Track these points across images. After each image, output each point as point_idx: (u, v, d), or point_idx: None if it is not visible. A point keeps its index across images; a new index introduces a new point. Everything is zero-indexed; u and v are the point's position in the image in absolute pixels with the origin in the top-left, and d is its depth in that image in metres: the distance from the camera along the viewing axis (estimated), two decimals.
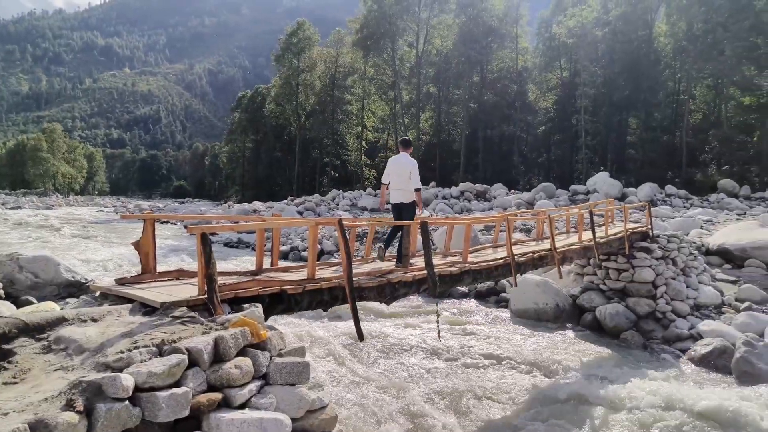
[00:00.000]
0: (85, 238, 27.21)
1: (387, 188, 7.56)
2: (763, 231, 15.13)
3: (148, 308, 4.18)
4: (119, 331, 3.61)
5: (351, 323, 5.28)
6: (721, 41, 37.32)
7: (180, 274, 5.47)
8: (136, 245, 5.24)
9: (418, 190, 7.24)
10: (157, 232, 5.70)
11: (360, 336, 5.17)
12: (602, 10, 48.82)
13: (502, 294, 13.27)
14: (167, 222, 38.03)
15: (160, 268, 5.40)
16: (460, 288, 13.37)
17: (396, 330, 10.33)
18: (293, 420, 3.40)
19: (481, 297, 13.58)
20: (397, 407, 6.62)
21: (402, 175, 7.24)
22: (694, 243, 14.52)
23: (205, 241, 4.09)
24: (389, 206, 7.85)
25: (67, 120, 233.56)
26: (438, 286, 6.37)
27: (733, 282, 12.64)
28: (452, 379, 7.83)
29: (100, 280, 10.58)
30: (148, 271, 5.19)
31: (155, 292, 4.50)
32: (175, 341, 3.32)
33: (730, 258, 14.35)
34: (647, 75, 42.86)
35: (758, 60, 37.23)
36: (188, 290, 4.57)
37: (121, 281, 5.01)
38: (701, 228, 18.37)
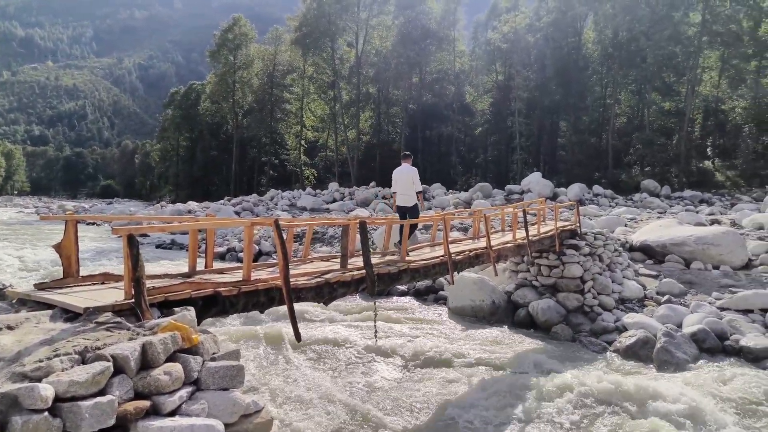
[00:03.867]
0: (2, 241, 25.52)
1: (394, 195, 9.20)
2: (682, 228, 16.13)
3: (70, 314, 3.96)
4: (38, 338, 3.41)
5: (288, 324, 5.21)
6: (643, 49, 39.61)
7: (105, 277, 5.22)
8: (58, 248, 4.95)
9: (419, 192, 8.91)
10: (82, 234, 5.42)
11: (297, 337, 5.11)
12: (534, 16, 50.71)
13: (441, 292, 13.46)
14: (93, 223, 36.22)
15: (84, 272, 5.13)
16: (399, 287, 13.48)
17: (334, 330, 10.29)
18: (227, 425, 3.32)
19: (420, 295, 13.74)
20: (333, 407, 6.60)
21: (405, 182, 8.78)
22: (619, 240, 15.32)
23: (132, 242, 3.91)
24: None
25: None
26: (376, 285, 6.39)
27: (655, 276, 13.39)
28: (388, 377, 7.89)
29: (17, 285, 9.93)
30: (71, 276, 4.92)
31: (78, 297, 4.27)
32: (99, 348, 3.16)
33: (652, 254, 15.18)
34: (576, 80, 44.73)
35: (676, 67, 39.96)
36: (114, 294, 4.37)
37: (40, 286, 4.72)
38: (626, 226, 19.35)
